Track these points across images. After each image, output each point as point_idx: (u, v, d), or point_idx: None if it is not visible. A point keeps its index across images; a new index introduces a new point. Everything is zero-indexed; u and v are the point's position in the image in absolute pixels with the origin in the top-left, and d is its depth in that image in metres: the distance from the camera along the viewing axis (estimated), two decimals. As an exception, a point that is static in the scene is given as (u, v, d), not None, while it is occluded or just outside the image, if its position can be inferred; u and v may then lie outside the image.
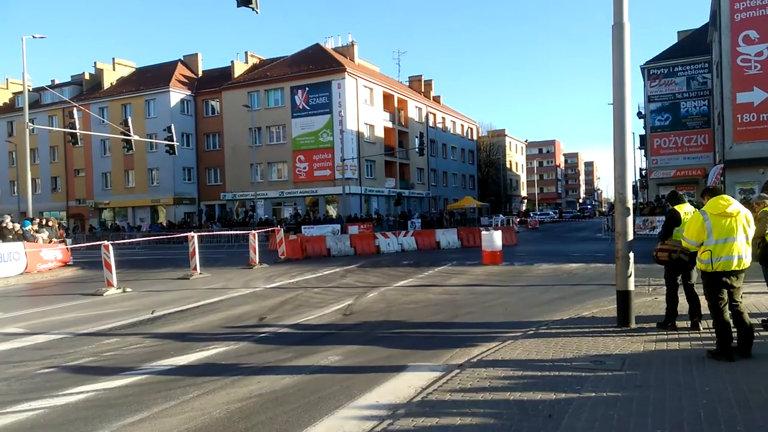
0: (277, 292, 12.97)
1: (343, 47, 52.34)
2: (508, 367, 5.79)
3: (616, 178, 7.44)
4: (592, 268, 14.99)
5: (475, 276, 14.43)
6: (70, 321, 10.19)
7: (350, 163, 43.67)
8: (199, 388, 5.72)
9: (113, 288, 14.00)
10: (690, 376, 5.21)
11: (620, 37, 7.28)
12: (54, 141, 54.95)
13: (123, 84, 54.50)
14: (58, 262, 21.04)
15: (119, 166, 51.92)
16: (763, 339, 6.50)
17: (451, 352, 6.73)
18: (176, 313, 10.55)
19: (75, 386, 6.00)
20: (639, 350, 6.21)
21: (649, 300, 9.34)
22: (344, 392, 5.41)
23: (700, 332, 6.87)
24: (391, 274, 15.42)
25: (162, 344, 7.94)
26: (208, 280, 16.00)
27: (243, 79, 50.15)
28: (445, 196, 61.84)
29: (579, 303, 9.71)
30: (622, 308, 7.32)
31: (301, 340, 7.92)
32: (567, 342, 6.71)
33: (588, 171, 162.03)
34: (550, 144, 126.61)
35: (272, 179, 48.25)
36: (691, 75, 40.50)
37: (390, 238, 24.43)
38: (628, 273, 7.24)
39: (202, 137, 51.83)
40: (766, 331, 6.83)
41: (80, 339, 8.55)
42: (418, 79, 64.21)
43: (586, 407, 4.52)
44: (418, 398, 4.98)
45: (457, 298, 11.00)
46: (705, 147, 40.00)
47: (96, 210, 53.74)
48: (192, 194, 51.80)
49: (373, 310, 10.02)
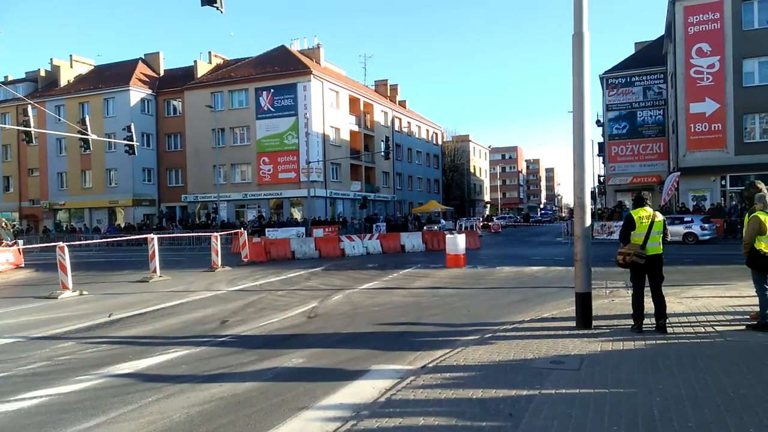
0: (240, 295, 12.80)
1: (309, 50, 52.10)
2: (470, 368, 5.87)
3: (575, 183, 7.63)
4: (552, 271, 15.32)
5: (439, 279, 14.57)
6: (23, 324, 9.84)
7: (315, 166, 43.44)
8: (158, 392, 5.61)
9: (68, 291, 13.57)
10: (645, 375, 5.39)
11: (580, 47, 7.48)
12: (6, 139, 52.89)
13: (81, 82, 52.87)
14: (10, 264, 20.27)
15: (76, 166, 50.29)
16: (712, 339, 6.79)
17: (415, 354, 6.78)
18: (135, 317, 10.30)
19: (28, 391, 5.80)
20: (597, 350, 6.38)
21: (607, 302, 9.61)
22: (308, 394, 5.39)
23: (666, 335, 6.99)
24: (356, 277, 15.41)
25: (120, 348, 7.74)
26: (169, 282, 15.67)
27: (206, 79, 49.32)
28: (410, 200, 62.16)
29: (540, 305, 9.92)
30: (581, 310, 7.50)
31: (264, 343, 7.85)
32: (528, 343, 6.84)
33: (549, 177, 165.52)
34: (512, 150, 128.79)
35: (235, 181, 47.56)
36: (648, 85, 41.91)
37: (355, 241, 24.42)
38: (587, 276, 7.43)
39: (163, 137, 50.69)
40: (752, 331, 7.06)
41: (34, 343, 8.26)
42: (384, 84, 64.45)
43: (545, 406, 4.62)
44: (382, 399, 5.00)
45: (421, 301, 11.08)
46: (660, 155, 41.42)
47: (51, 211, 51.88)
48: (152, 195, 50.58)
49: (337, 313, 10.00)
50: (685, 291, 10.51)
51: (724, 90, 31.05)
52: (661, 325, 7.16)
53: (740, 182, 30.59)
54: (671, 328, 7.27)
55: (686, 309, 8.60)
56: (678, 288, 10.73)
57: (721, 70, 31.07)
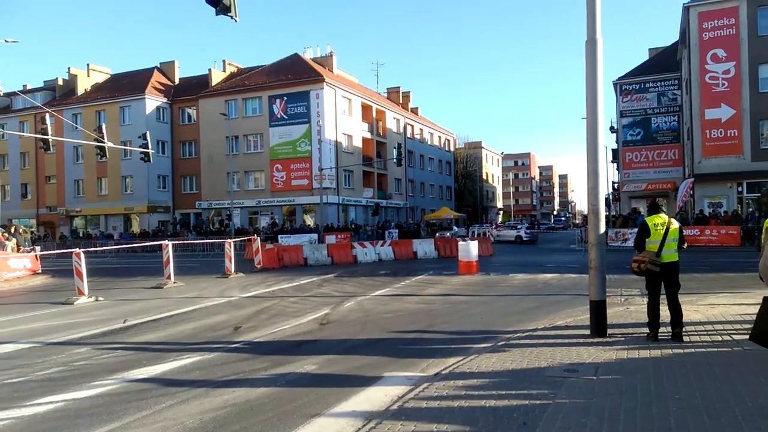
0: (253, 301, 12.85)
1: (322, 58, 52.42)
2: (483, 376, 5.83)
3: (589, 190, 7.59)
4: (566, 279, 15.20)
5: (451, 286, 14.51)
6: (40, 330, 9.95)
7: (328, 173, 43.62)
8: (172, 398, 5.64)
9: (84, 297, 13.71)
10: (661, 384, 5.32)
11: (593, 54, 7.46)
12: (25, 147, 53.74)
13: (97, 90, 53.64)
14: (27, 270, 20.53)
15: (92, 174, 50.94)
16: (729, 347, 6.68)
17: (428, 361, 6.76)
18: (149, 323, 10.38)
19: (44, 396, 5.86)
20: (612, 359, 6.31)
21: (622, 310, 9.51)
22: (320, 401, 5.38)
23: (682, 343, 6.89)
24: (368, 284, 15.41)
25: (134, 354, 7.80)
26: (183, 289, 15.78)
27: (220, 87, 49.81)
28: (422, 207, 62.11)
29: (553, 312, 9.84)
30: (595, 318, 7.44)
31: (277, 349, 7.86)
32: (541, 351, 6.79)
33: (562, 183, 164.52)
34: (525, 156, 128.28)
35: (249, 188, 47.87)
36: (662, 91, 41.57)
37: (367, 247, 24.43)
38: (601, 283, 7.37)
39: (178, 145, 51.23)
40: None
41: (50, 348, 8.35)
42: (396, 91, 64.63)
43: (559, 415, 4.58)
44: (394, 407, 4.99)
45: (433, 308, 11.05)
46: (675, 161, 41.02)
47: (67, 218, 52.55)
48: (167, 202, 51.06)
49: (349, 320, 10.00)
50: (702, 299, 10.37)
51: (740, 96, 30.74)
52: (677, 333, 7.05)
53: (757, 189, 30.23)
54: (687, 336, 7.17)
55: (703, 317, 8.48)
56: (694, 296, 10.59)
57: (736, 76, 30.77)
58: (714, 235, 25.74)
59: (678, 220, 7.82)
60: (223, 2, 10.61)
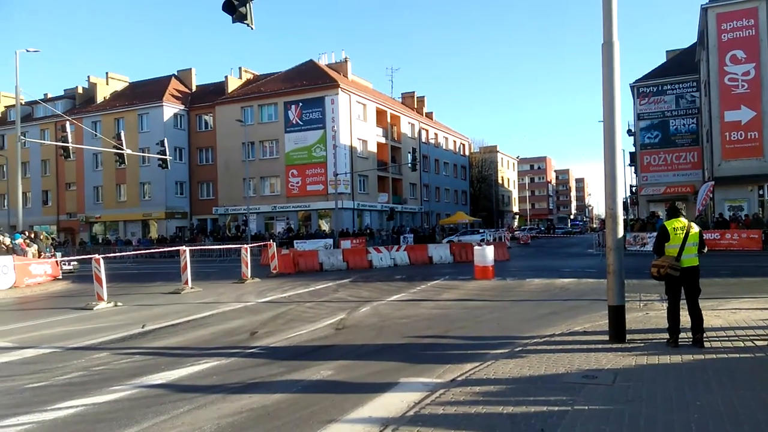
0: (269, 306, 12.91)
1: (337, 63, 52.70)
2: (500, 382, 5.79)
3: (607, 194, 7.52)
4: (583, 284, 15.04)
5: (467, 291, 14.45)
6: (60, 335, 10.09)
7: (343, 178, 43.75)
8: (189, 403, 5.68)
9: (103, 302, 13.89)
10: (681, 390, 5.24)
11: (610, 56, 7.40)
12: (46, 154, 54.71)
13: (116, 98, 54.47)
14: (48, 276, 20.85)
15: (111, 180, 51.67)
16: (752, 353, 6.56)
17: (444, 367, 6.72)
18: (167, 328, 10.48)
19: (64, 401, 5.93)
20: (631, 365, 6.23)
21: (641, 315, 9.39)
22: (336, 407, 5.38)
23: (703, 349, 6.77)
24: (383, 289, 15.40)
25: (152, 359, 7.87)
26: (200, 294, 15.90)
27: (237, 94, 50.30)
28: (437, 211, 61.98)
29: (571, 318, 9.74)
30: (614, 323, 7.35)
31: (293, 354, 7.88)
32: (559, 357, 6.72)
33: (579, 187, 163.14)
34: (541, 160, 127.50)
35: (265, 193, 48.19)
36: (680, 93, 41.09)
37: (382, 252, 24.43)
38: (620, 288, 7.28)
39: (195, 151, 51.79)
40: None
41: (70, 353, 8.46)
42: (411, 96, 64.69)
43: (578, 421, 4.53)
44: (410, 413, 4.97)
45: (449, 313, 11.00)
46: (694, 164, 40.49)
47: (87, 224, 53.35)
48: (184, 208, 51.59)
49: (365, 325, 9.99)
50: (723, 304, 10.19)
51: (760, 97, 30.28)
52: (698, 339, 6.94)
53: (779, 192, 29.70)
54: (708, 342, 7.05)
55: (724, 323, 8.33)
56: (715, 301, 10.41)
57: (756, 77, 30.32)
58: (735, 239, 25.33)
59: (698, 224, 7.69)
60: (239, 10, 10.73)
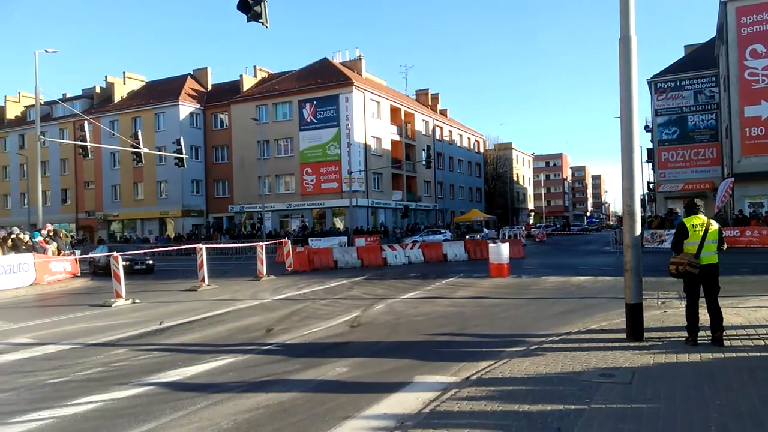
0: (285, 303, 12.98)
1: (351, 61, 52.75)
2: (516, 380, 5.77)
3: (624, 191, 7.43)
4: (600, 281, 14.91)
5: (482, 288, 14.40)
6: (80, 331, 10.25)
7: (357, 176, 43.81)
8: (206, 399, 5.73)
9: (122, 299, 14.07)
10: (701, 389, 5.17)
11: (627, 51, 7.31)
12: (64, 153, 55.50)
13: (133, 97, 55.08)
14: (67, 273, 21.15)
15: (128, 179, 52.30)
16: (775, 353, 6.45)
17: (459, 365, 6.71)
18: (184, 324, 10.58)
19: (84, 396, 6.03)
20: (649, 363, 6.17)
21: (659, 313, 9.28)
22: (352, 404, 5.40)
23: (722, 347, 6.68)
24: (398, 287, 15.40)
25: (170, 355, 7.96)
26: (216, 291, 16.04)
27: (251, 92, 50.58)
28: (452, 209, 61.84)
29: (588, 316, 9.66)
30: (631, 321, 7.27)
31: (309, 351, 7.92)
32: (576, 355, 6.67)
33: (595, 184, 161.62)
34: (557, 157, 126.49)
35: (280, 192, 48.43)
36: (699, 89, 40.50)
37: (397, 250, 24.42)
38: (638, 286, 7.20)
39: (211, 150, 52.21)
40: None
41: (89, 349, 8.59)
42: (425, 93, 64.56)
43: (595, 420, 4.50)
44: (426, 410, 4.97)
45: (464, 311, 10.97)
46: (713, 160, 39.91)
47: (105, 222, 54.07)
48: (200, 206, 52.05)
49: (380, 322, 10.00)
50: (743, 302, 10.04)
51: (781, 92, 29.72)
52: (718, 337, 6.84)
53: (801, 188, 29.16)
54: (728, 340, 6.95)
55: (744, 321, 8.21)
56: (735, 299, 10.26)
57: (777, 72, 29.77)
58: (755, 236, 24.92)
59: (717, 221, 7.57)
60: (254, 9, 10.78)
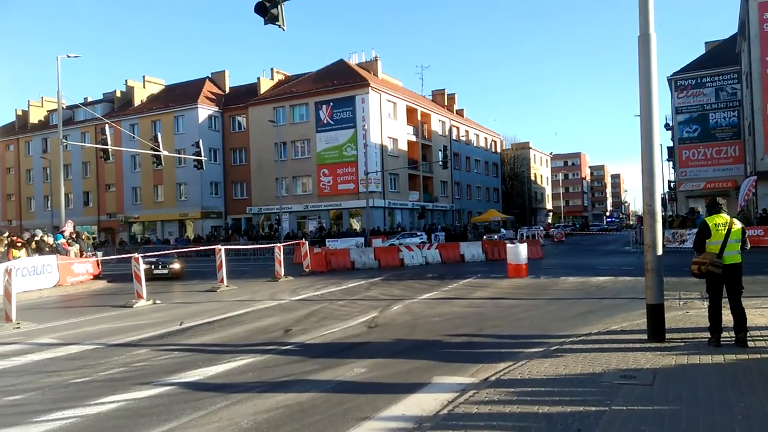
0: (303, 304, 13.05)
1: (367, 62, 52.83)
2: (535, 381, 5.72)
3: (644, 190, 7.34)
4: (620, 282, 14.74)
5: (500, 289, 14.32)
6: (102, 332, 10.41)
7: (374, 177, 43.86)
8: (226, 399, 5.79)
9: (143, 300, 14.26)
10: (724, 391, 5.09)
11: (646, 49, 7.22)
12: (86, 157, 56.41)
13: (153, 101, 55.80)
14: (89, 274, 21.49)
15: (149, 181, 52.99)
16: (801, 354, 6.32)
17: (478, 366, 6.68)
18: (204, 325, 10.69)
19: (106, 396, 6.12)
20: (671, 365, 6.08)
21: (680, 314, 9.14)
22: (370, 404, 5.41)
23: (746, 348, 6.56)
24: (415, 287, 15.38)
25: (190, 355, 8.05)
26: (235, 292, 16.18)
27: (269, 95, 50.95)
28: (469, 209, 61.59)
29: (608, 317, 9.55)
30: (652, 322, 7.18)
31: (327, 352, 7.95)
32: (596, 356, 6.60)
33: (615, 184, 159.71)
34: (575, 156, 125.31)
35: (297, 193, 48.70)
36: (720, 86, 39.82)
37: (414, 251, 24.40)
38: (659, 286, 7.11)
39: (229, 152, 52.69)
40: None
41: (112, 350, 8.72)
42: (441, 93, 64.40)
43: (616, 422, 4.44)
44: (444, 411, 4.96)
45: (482, 311, 10.92)
46: (736, 158, 39.19)
47: (126, 224, 54.84)
48: (219, 208, 52.55)
49: (398, 323, 10.00)
50: (767, 302, 9.85)
51: (806, 88, 29.10)
52: (741, 338, 6.72)
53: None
54: (752, 341, 6.82)
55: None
56: (759, 299, 10.07)
57: (802, 67, 29.14)
58: (780, 236, 24.42)
59: (740, 220, 7.44)
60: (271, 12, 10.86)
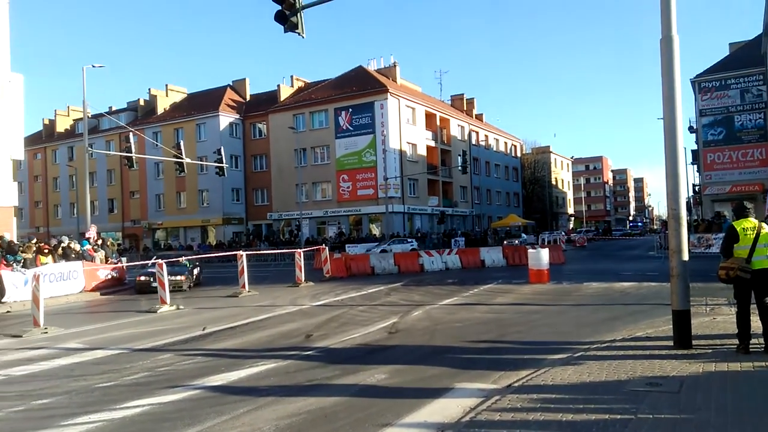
0: (323, 309, 13.09)
1: (386, 68, 53.00)
2: (559, 389, 5.66)
3: (668, 194, 7.23)
4: (645, 287, 14.50)
5: (522, 295, 14.20)
6: (127, 337, 10.57)
7: (393, 182, 43.89)
8: (249, 404, 5.82)
9: (167, 305, 14.45)
10: (753, 399, 4.97)
11: (669, 51, 7.13)
12: (111, 164, 57.46)
13: (175, 109, 56.67)
14: (114, 280, 21.85)
15: (172, 188, 53.75)
16: (834, 362, 6.14)
17: (499, 373, 6.63)
18: (226, 330, 10.79)
19: (132, 400, 6.20)
20: (698, 372, 5.96)
21: (707, 320, 8.96)
22: (391, 410, 5.39)
23: None
24: (435, 293, 15.33)
25: (213, 360, 8.13)
26: (256, 297, 16.31)
27: (289, 102, 51.39)
28: (489, 214, 61.22)
29: (632, 323, 9.40)
30: (678, 328, 7.05)
31: (348, 357, 7.96)
32: (620, 363, 6.50)
33: (638, 188, 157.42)
34: (597, 160, 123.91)
35: (317, 199, 48.96)
36: (745, 87, 39.05)
37: (434, 256, 24.33)
38: (685, 292, 6.98)
39: (250, 159, 53.24)
40: None
41: (136, 354, 8.85)
42: (460, 98, 64.23)
43: (642, 430, 4.37)
44: (466, 418, 4.92)
45: (503, 317, 10.84)
46: (762, 161, 38.36)
47: (150, 230, 55.65)
48: (240, 214, 53.07)
49: (418, 329, 9.98)
50: (798, 309, 9.59)
51: (836, 88, 28.38)
52: (772, 346, 6.57)
53: None
54: (783, 349, 6.65)
55: (800, 329, 7.84)
56: (789, 305, 9.81)
57: (831, 67, 28.46)
58: (810, 240, 23.82)
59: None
60: (290, 20, 10.97)
